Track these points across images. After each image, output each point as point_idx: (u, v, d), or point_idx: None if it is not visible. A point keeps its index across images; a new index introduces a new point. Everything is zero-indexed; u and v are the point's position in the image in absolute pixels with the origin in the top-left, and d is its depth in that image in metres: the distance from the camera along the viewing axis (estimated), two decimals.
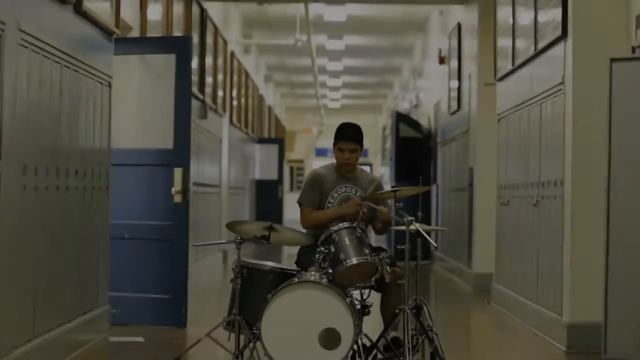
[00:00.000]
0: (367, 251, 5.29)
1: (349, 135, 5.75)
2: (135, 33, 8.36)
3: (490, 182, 10.14)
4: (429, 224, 14.11)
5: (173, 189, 7.44)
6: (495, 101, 9.57)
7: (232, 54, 15.36)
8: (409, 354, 5.13)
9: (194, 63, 11.15)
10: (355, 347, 5.12)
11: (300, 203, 5.80)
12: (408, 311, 5.25)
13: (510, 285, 8.78)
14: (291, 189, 34.54)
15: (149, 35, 8.59)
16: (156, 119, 7.61)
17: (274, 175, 21.03)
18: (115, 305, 7.38)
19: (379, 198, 5.77)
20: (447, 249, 13.16)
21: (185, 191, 7.43)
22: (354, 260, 5.24)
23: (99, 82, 6.73)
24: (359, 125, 5.83)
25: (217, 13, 13.39)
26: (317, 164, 34.36)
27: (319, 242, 5.38)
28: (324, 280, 5.16)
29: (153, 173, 7.54)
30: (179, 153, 7.47)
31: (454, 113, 12.77)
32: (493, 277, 9.63)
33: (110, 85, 7.00)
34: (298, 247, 5.86)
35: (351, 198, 5.78)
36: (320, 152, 35.82)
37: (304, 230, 5.73)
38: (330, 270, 5.23)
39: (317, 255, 5.28)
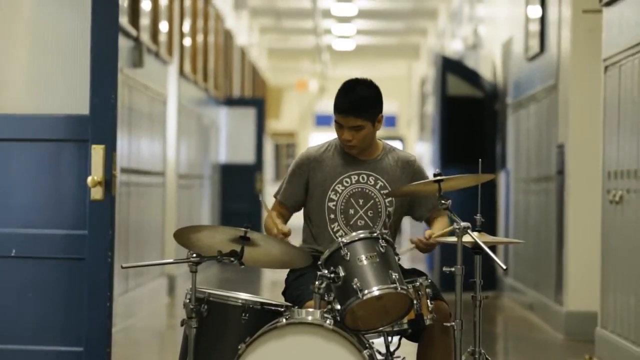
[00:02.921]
0: (395, 276, 5.30)
1: (347, 105, 5.72)
2: None
3: (591, 168, 10.15)
4: (494, 233, 14.12)
5: (90, 179, 7.44)
6: (601, 39, 9.56)
7: None
8: None
9: None
10: None
11: (275, 196, 5.87)
12: None
13: (624, 331, 8.78)
14: (276, 177, 34.61)
15: None
16: (62, 67, 7.60)
17: (249, 157, 21.06)
18: None
19: (415, 193, 5.75)
20: (524, 274, 13.17)
21: (109, 182, 7.43)
22: (375, 291, 5.26)
23: None
24: (373, 84, 5.78)
25: None
26: (317, 139, 34.43)
27: (320, 262, 5.38)
28: (328, 321, 5.18)
29: (57, 153, 7.54)
30: (99, 122, 7.47)
31: (534, 58, 12.77)
32: (597, 318, 9.64)
33: None
34: (286, 271, 5.86)
35: (368, 193, 5.77)
36: (323, 121, 35.86)
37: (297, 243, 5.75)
38: (339, 307, 5.24)
39: (317, 282, 5.28)
